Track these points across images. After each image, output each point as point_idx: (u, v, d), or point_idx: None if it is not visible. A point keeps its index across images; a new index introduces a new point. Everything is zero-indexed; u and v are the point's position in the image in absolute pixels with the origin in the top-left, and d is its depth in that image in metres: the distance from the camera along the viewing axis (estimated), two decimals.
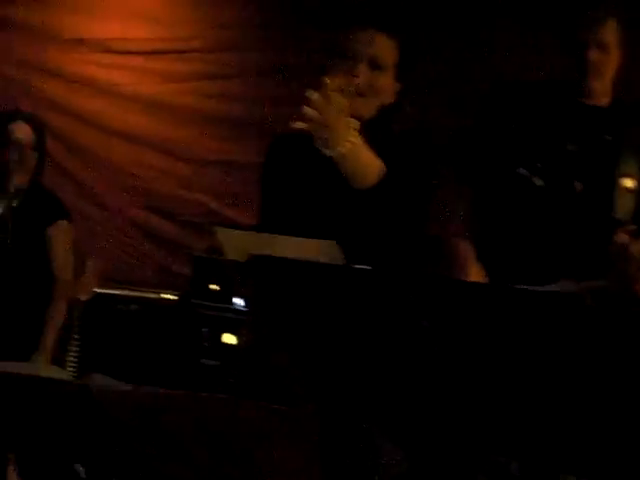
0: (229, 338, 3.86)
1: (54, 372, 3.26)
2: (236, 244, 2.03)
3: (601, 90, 2.66)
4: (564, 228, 2.56)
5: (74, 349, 3.65)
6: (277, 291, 1.53)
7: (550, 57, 2.90)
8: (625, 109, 2.70)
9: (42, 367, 3.43)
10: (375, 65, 2.29)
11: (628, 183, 2.53)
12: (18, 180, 3.33)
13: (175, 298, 4.29)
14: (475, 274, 2.62)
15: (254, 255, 1.57)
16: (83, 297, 3.74)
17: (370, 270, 1.44)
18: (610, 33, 2.60)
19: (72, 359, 3.64)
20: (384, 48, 2.31)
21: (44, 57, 5.22)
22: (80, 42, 5.08)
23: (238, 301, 3.94)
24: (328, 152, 2.09)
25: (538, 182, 2.41)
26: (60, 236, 3.56)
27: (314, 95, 2.05)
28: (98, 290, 3.89)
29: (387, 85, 2.33)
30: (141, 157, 4.93)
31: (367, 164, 2.15)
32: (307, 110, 2.05)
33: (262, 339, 1.96)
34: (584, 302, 1.43)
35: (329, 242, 1.89)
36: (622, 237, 2.37)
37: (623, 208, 2.52)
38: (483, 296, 1.40)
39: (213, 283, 4.07)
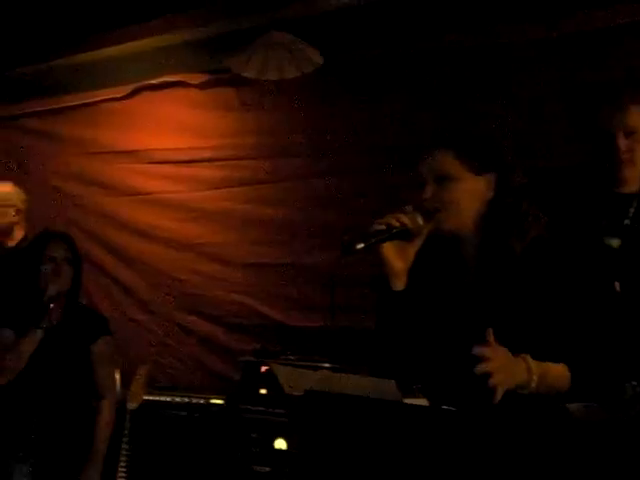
0: (280, 444, 3.80)
1: None
2: (293, 379, 2.04)
3: (633, 178, 2.59)
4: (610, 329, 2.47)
5: (124, 458, 3.65)
6: (330, 426, 1.52)
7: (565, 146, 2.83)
8: None
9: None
10: (440, 179, 2.28)
11: None
12: (53, 290, 3.42)
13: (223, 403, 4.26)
14: None
15: (309, 390, 1.59)
16: (132, 406, 3.74)
17: (423, 408, 1.42)
18: (637, 119, 2.54)
19: (123, 468, 3.63)
20: (443, 162, 2.28)
21: (87, 168, 5.42)
22: (123, 154, 5.26)
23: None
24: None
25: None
26: (104, 353, 3.60)
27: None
28: (146, 397, 3.88)
29: (460, 192, 2.27)
30: (185, 262, 5.00)
31: (555, 380, 2.09)
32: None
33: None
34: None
35: (386, 381, 1.87)
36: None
37: None
38: None
39: (262, 387, 4.03)
